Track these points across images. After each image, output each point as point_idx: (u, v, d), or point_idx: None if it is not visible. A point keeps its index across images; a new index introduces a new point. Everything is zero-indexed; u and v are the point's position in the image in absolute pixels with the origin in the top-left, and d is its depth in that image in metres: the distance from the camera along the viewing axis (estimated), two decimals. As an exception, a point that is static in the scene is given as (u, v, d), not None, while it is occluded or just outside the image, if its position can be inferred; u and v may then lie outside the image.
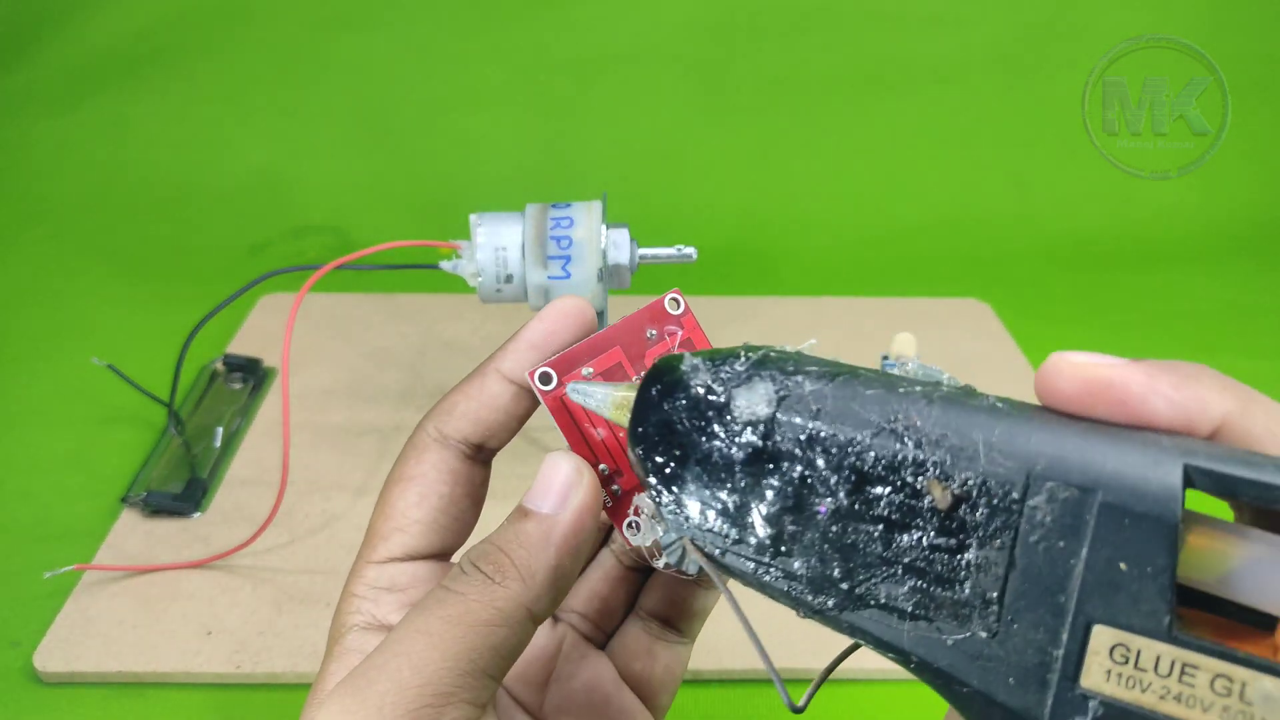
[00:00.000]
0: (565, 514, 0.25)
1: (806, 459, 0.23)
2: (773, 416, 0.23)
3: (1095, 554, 0.20)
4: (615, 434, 0.28)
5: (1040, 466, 0.21)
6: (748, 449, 0.23)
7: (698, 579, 0.25)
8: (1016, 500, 0.21)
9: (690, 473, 0.24)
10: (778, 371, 0.23)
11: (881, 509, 0.22)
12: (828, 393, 0.23)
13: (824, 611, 0.23)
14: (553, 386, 0.28)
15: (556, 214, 0.52)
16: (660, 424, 0.24)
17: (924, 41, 0.93)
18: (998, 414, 0.22)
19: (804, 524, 0.23)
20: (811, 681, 0.26)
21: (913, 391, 0.22)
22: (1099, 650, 0.20)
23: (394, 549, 0.29)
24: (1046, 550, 0.20)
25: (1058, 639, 0.20)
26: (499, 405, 0.29)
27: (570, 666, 0.32)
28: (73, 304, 0.77)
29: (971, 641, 0.21)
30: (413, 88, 0.93)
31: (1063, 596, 0.20)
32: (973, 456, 0.21)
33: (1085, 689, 0.20)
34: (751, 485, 0.23)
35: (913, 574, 0.22)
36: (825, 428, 0.22)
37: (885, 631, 0.22)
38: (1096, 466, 0.20)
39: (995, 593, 0.21)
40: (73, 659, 0.48)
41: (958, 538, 0.21)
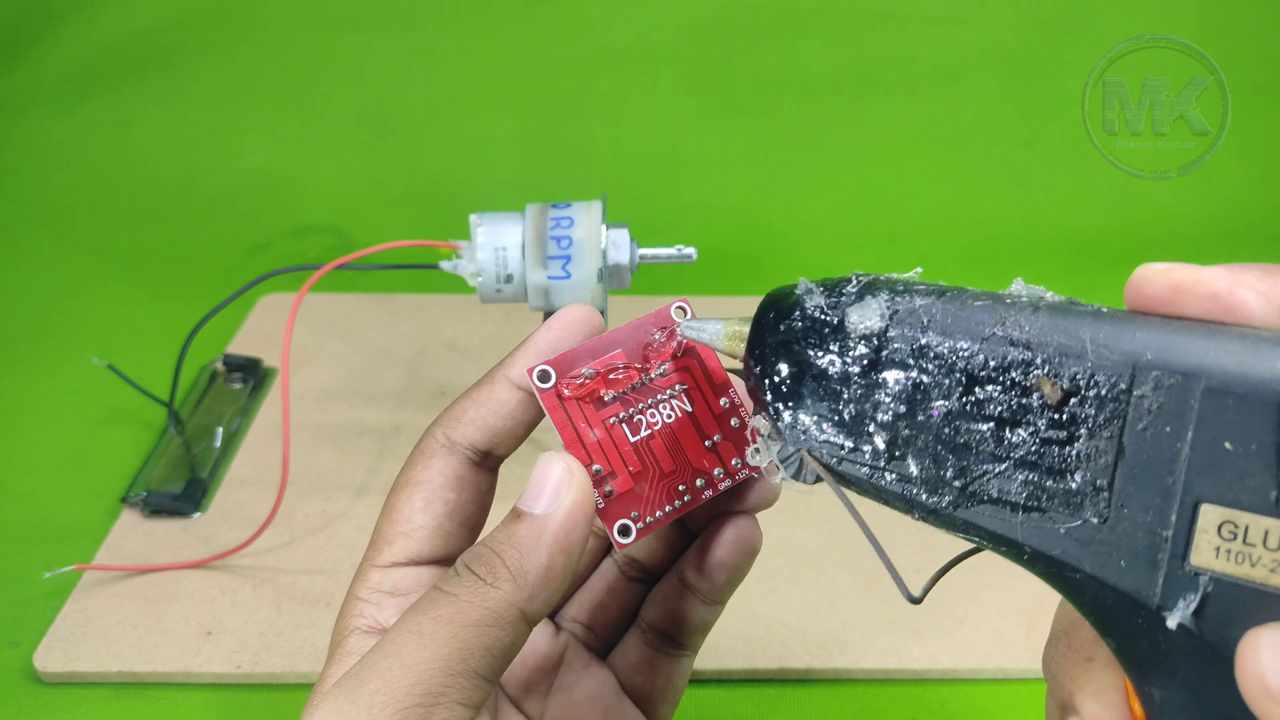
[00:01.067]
0: (556, 514, 0.26)
1: (919, 367, 0.24)
2: (885, 330, 0.24)
3: (1200, 436, 0.21)
4: (610, 434, 0.28)
5: (1146, 357, 0.21)
6: (861, 361, 0.24)
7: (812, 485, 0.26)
8: (1124, 390, 0.22)
9: (807, 388, 0.25)
10: (888, 291, 0.25)
11: (992, 408, 0.23)
12: (937, 306, 0.24)
13: (939, 510, 0.23)
14: (551, 385, 0.28)
15: (556, 214, 0.52)
16: (777, 344, 0.25)
17: (924, 41, 0.93)
18: (1102, 316, 0.22)
19: (917, 428, 0.24)
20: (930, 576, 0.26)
21: (1019, 301, 0.23)
22: (1207, 528, 0.20)
23: (398, 554, 0.29)
24: (1153, 436, 0.21)
25: (1166, 520, 0.21)
26: (507, 412, 0.29)
27: (572, 676, 0.33)
28: (73, 304, 0.77)
29: (1083, 528, 0.22)
30: (413, 88, 0.93)
31: (1170, 479, 0.21)
32: (1080, 353, 0.22)
33: (1195, 566, 0.21)
34: (866, 396, 0.24)
35: (1024, 468, 0.23)
36: (936, 337, 0.23)
37: (999, 525, 0.23)
38: (1199, 353, 0.21)
39: (1105, 480, 0.22)
40: (73, 659, 0.48)
41: (1067, 430, 0.22)
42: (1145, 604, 0.21)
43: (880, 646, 0.50)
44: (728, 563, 0.31)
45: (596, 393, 0.28)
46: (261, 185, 0.89)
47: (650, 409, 0.29)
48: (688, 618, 0.32)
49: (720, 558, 0.31)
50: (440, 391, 0.67)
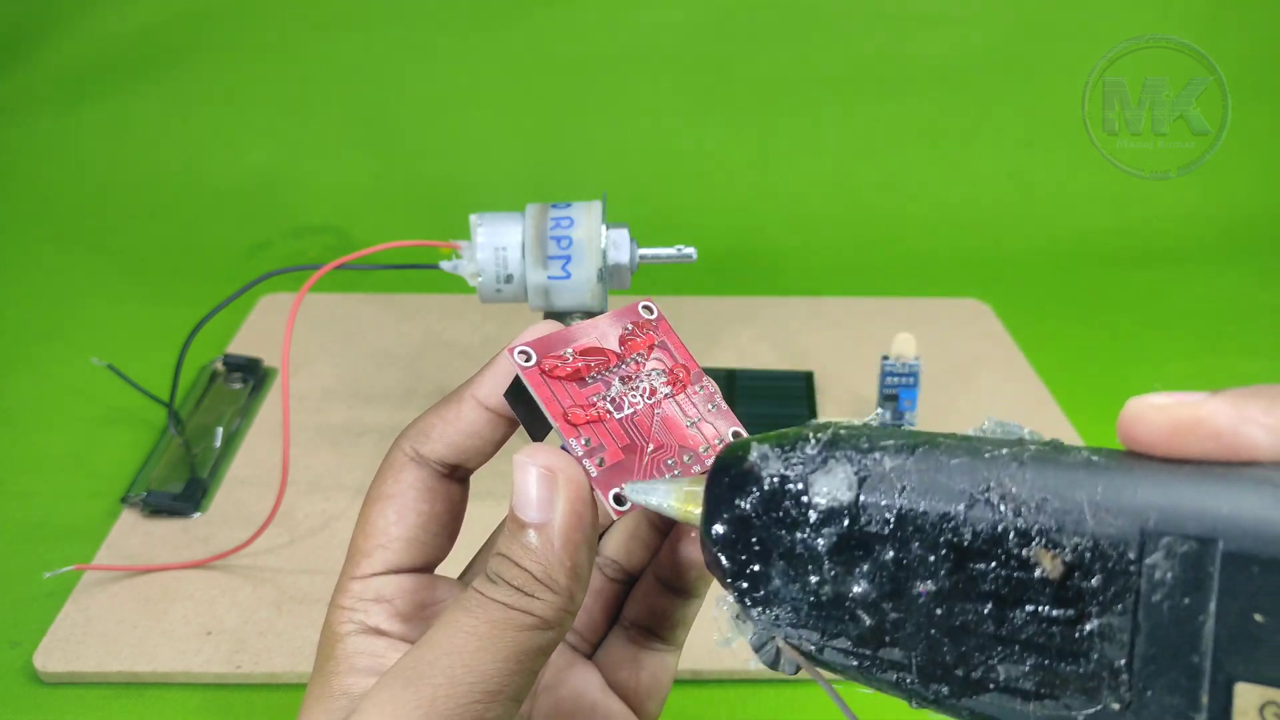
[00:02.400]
0: (557, 517, 0.26)
1: (898, 540, 0.21)
2: (856, 499, 0.22)
3: (1225, 607, 0.19)
4: (595, 409, 0.28)
5: (1153, 521, 0.19)
6: (834, 537, 0.22)
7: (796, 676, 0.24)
8: (1133, 560, 0.19)
9: (775, 569, 0.22)
10: (853, 450, 0.22)
11: (988, 585, 0.21)
12: (910, 467, 0.21)
13: (940, 700, 0.21)
14: (533, 364, 0.28)
15: (556, 214, 0.52)
16: (735, 520, 0.23)
17: (924, 41, 0.93)
18: (1095, 469, 0.20)
19: (905, 610, 0.21)
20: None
21: (999, 455, 0.21)
22: (1246, 710, 0.18)
23: (376, 565, 0.30)
24: (1172, 609, 0.19)
25: (1197, 702, 0.19)
26: (474, 431, 0.29)
27: (558, 675, 0.33)
28: (73, 304, 0.77)
29: (1104, 715, 0.20)
30: (413, 88, 0.93)
31: (1196, 656, 0.19)
32: (1079, 519, 0.20)
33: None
34: (843, 575, 0.22)
35: (1031, 651, 0.20)
36: (914, 505, 0.21)
37: (1010, 715, 0.21)
38: (1211, 512, 0.19)
39: (1123, 660, 0.20)
40: (72, 659, 0.48)
41: (1075, 607, 0.20)
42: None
43: None
44: (696, 559, 0.31)
45: (578, 373, 0.28)
46: (261, 185, 0.89)
47: (631, 391, 0.29)
48: (667, 613, 0.33)
49: (687, 555, 0.32)
50: (440, 391, 0.67)
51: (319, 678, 0.29)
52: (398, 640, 0.29)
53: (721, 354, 0.71)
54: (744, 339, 0.73)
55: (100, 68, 0.92)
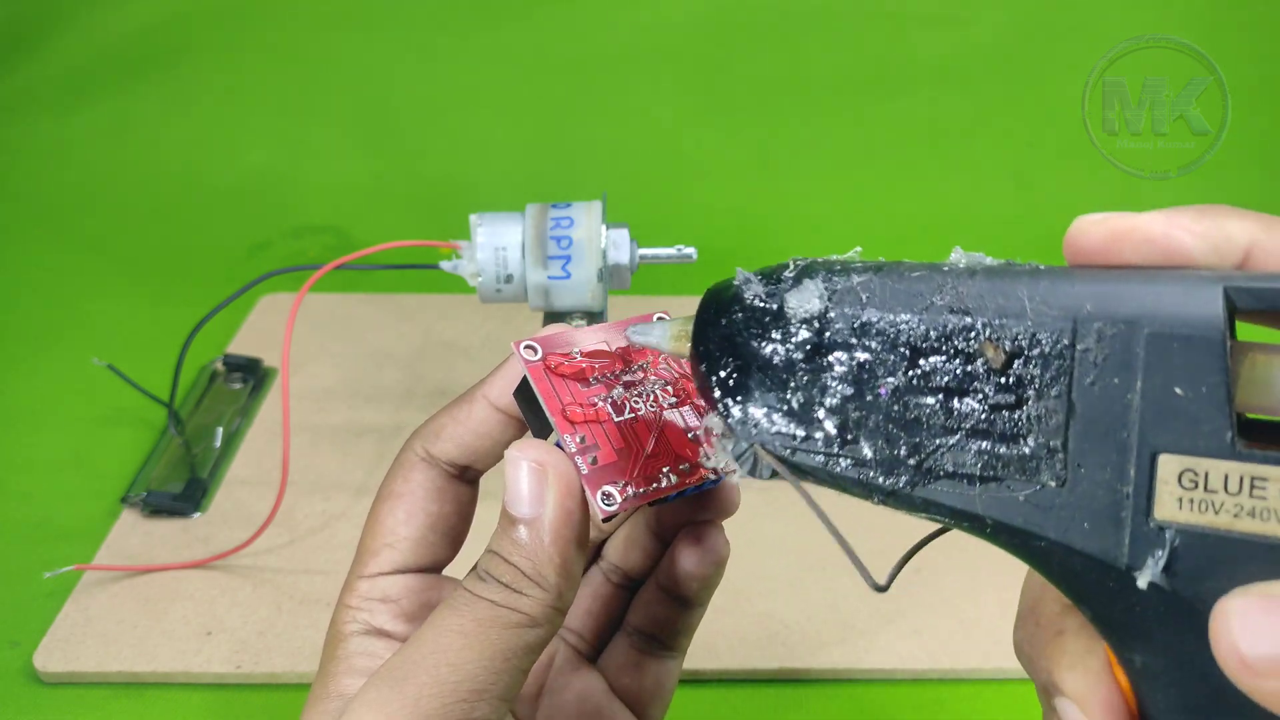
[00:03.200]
0: (547, 512, 0.26)
1: (862, 345, 0.23)
2: (825, 311, 0.24)
3: (1150, 384, 0.20)
4: (594, 410, 0.28)
5: (1086, 309, 0.21)
6: (804, 346, 0.24)
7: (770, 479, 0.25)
8: (1067, 346, 0.21)
9: (753, 380, 0.24)
10: (825, 272, 0.24)
11: (939, 379, 0.22)
12: (875, 282, 0.23)
13: (897, 491, 0.23)
14: (538, 358, 0.28)
15: (556, 214, 0.52)
16: (720, 339, 0.25)
17: (924, 41, 0.93)
18: (1039, 274, 0.22)
19: (867, 409, 0.23)
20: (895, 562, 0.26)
21: (956, 268, 0.23)
22: (1167, 479, 0.20)
23: (384, 564, 0.30)
24: (1102, 390, 0.21)
25: (1125, 475, 0.20)
26: (485, 432, 0.29)
27: (562, 679, 0.33)
28: (73, 304, 0.77)
29: (1042, 493, 0.21)
30: (413, 88, 0.93)
31: (1125, 432, 0.20)
32: (1020, 313, 0.22)
33: (1160, 520, 0.20)
34: (812, 381, 0.24)
35: (977, 437, 0.22)
36: (876, 313, 0.23)
37: (958, 500, 0.22)
38: (1138, 301, 0.21)
39: (1058, 441, 0.21)
40: (72, 659, 0.48)
41: (1015, 393, 0.22)
42: (1114, 565, 0.20)
43: (880, 646, 0.50)
44: (696, 574, 0.32)
45: (582, 372, 0.28)
46: (261, 185, 0.89)
47: (634, 397, 0.29)
48: (670, 621, 0.33)
49: (688, 569, 0.32)
50: (440, 391, 0.67)
51: (320, 678, 0.29)
52: (399, 641, 0.29)
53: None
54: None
55: (100, 68, 0.92)
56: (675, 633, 0.33)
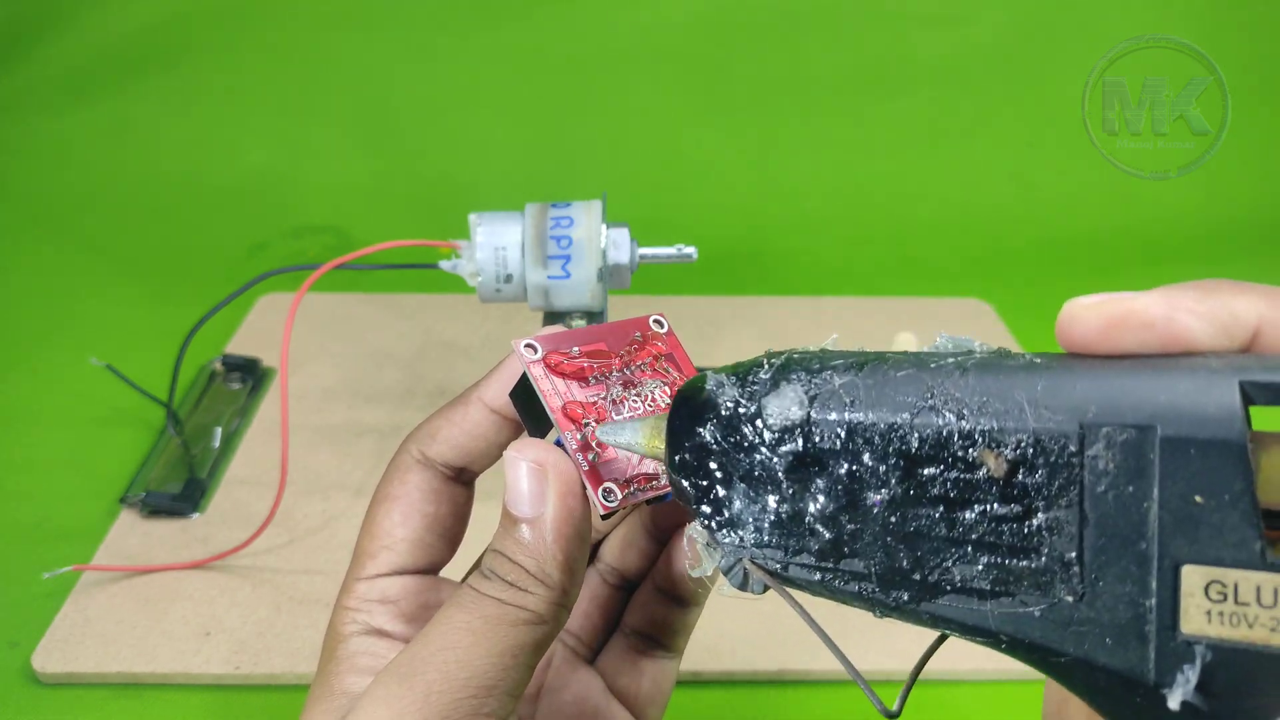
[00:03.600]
0: (549, 511, 0.26)
1: (850, 453, 0.22)
2: (807, 417, 0.22)
3: (1167, 492, 0.19)
4: (594, 408, 0.28)
5: (1091, 413, 0.20)
6: (789, 456, 0.22)
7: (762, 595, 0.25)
8: (1074, 453, 0.20)
9: (735, 491, 0.23)
10: (804, 371, 0.23)
11: (937, 489, 0.21)
12: (858, 383, 0.22)
13: (901, 607, 0.22)
14: (539, 356, 0.28)
15: (556, 213, 0.52)
16: (696, 448, 0.23)
17: (924, 41, 0.92)
18: (1035, 369, 0.21)
19: (861, 520, 0.22)
20: (901, 684, 0.25)
21: (945, 364, 0.22)
22: (1193, 591, 0.19)
23: (381, 566, 0.30)
24: (1116, 498, 0.19)
25: (1147, 588, 0.19)
26: (480, 434, 0.29)
27: (560, 679, 0.33)
28: (72, 304, 0.77)
29: (1059, 608, 0.20)
30: (413, 88, 0.93)
31: (1143, 543, 0.19)
32: (1020, 417, 0.20)
33: (1188, 635, 0.19)
34: (800, 492, 0.22)
35: (984, 550, 0.21)
36: (863, 417, 0.22)
37: (968, 615, 0.21)
38: (1148, 401, 0.19)
39: (1073, 553, 0.20)
40: (71, 660, 0.48)
41: (1022, 503, 0.20)
42: (1141, 682, 0.19)
43: (880, 647, 0.49)
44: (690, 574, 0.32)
45: (581, 371, 0.28)
46: (261, 185, 0.89)
47: (632, 397, 0.29)
48: (667, 621, 0.33)
49: (684, 569, 0.32)
50: (440, 391, 0.67)
51: (321, 678, 0.29)
52: (400, 641, 0.29)
53: (721, 354, 0.71)
54: (744, 339, 0.73)
55: (100, 68, 0.92)
56: (672, 633, 0.33)
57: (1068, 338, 0.21)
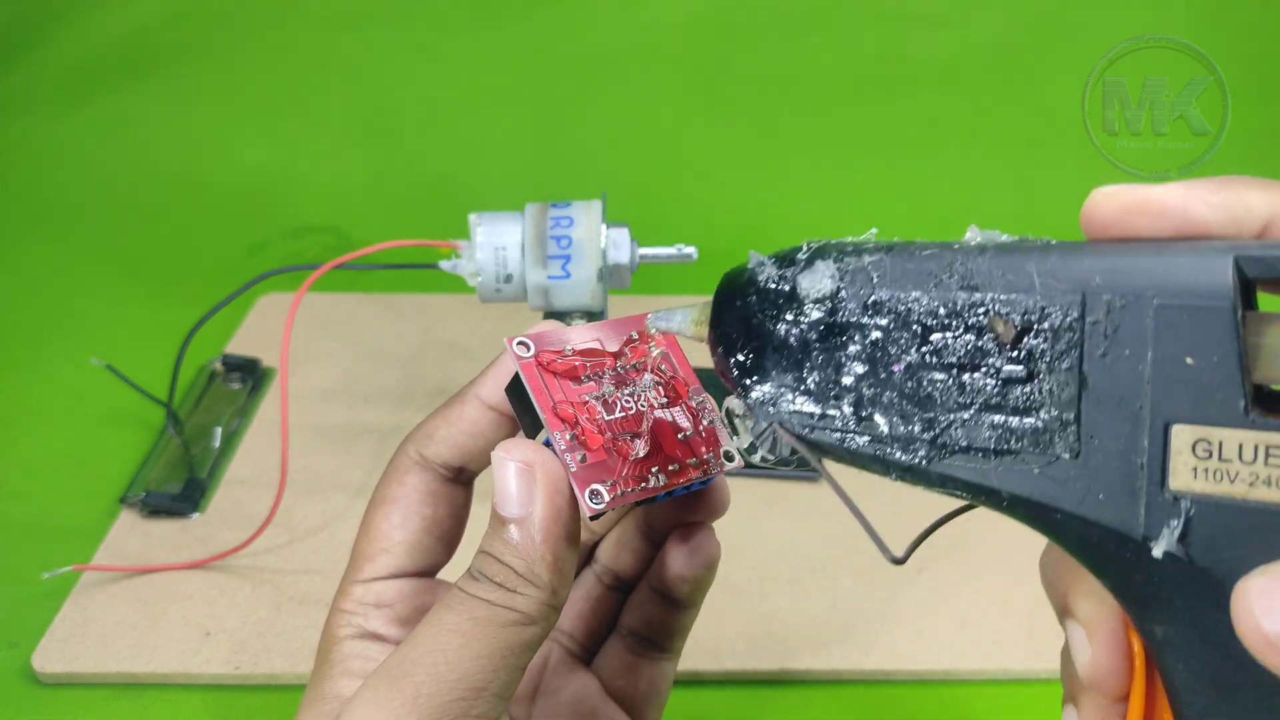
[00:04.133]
0: (537, 511, 0.26)
1: (874, 324, 0.23)
2: (837, 290, 0.24)
3: (1160, 355, 0.20)
4: (585, 408, 0.28)
5: (1095, 282, 0.21)
6: (818, 326, 0.24)
7: (790, 462, 0.26)
8: (1076, 319, 0.21)
9: (770, 360, 0.25)
10: (837, 253, 0.24)
11: (951, 355, 0.23)
12: (886, 261, 0.23)
13: (913, 467, 0.23)
14: (530, 355, 0.28)
15: (556, 213, 0.52)
16: (736, 321, 0.25)
17: (924, 41, 0.92)
18: (1050, 249, 0.22)
19: (881, 386, 0.23)
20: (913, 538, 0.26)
21: (967, 246, 0.23)
22: (1181, 449, 0.20)
23: (379, 569, 0.30)
24: (1113, 361, 0.21)
25: (1139, 446, 0.20)
26: (478, 431, 0.29)
27: (557, 681, 0.33)
28: (72, 304, 0.77)
29: (1057, 466, 0.21)
30: (413, 88, 0.93)
31: (1138, 403, 0.20)
32: (1029, 288, 0.22)
33: (1175, 490, 0.20)
34: (828, 360, 0.24)
35: (990, 411, 0.22)
36: (887, 292, 0.23)
37: (973, 474, 0.22)
38: (1147, 271, 0.20)
39: (1071, 414, 0.21)
40: (71, 660, 0.48)
41: (1027, 367, 0.22)
42: (1131, 536, 0.21)
43: (881, 647, 0.49)
44: (687, 575, 0.32)
45: (574, 370, 0.28)
46: (261, 185, 0.89)
47: (625, 396, 0.29)
48: (663, 623, 0.33)
49: (679, 571, 0.32)
50: (440, 391, 0.67)
51: (314, 681, 0.29)
52: (394, 645, 0.29)
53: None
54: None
55: (99, 68, 0.92)
56: (669, 634, 0.33)
57: (1089, 221, 0.22)
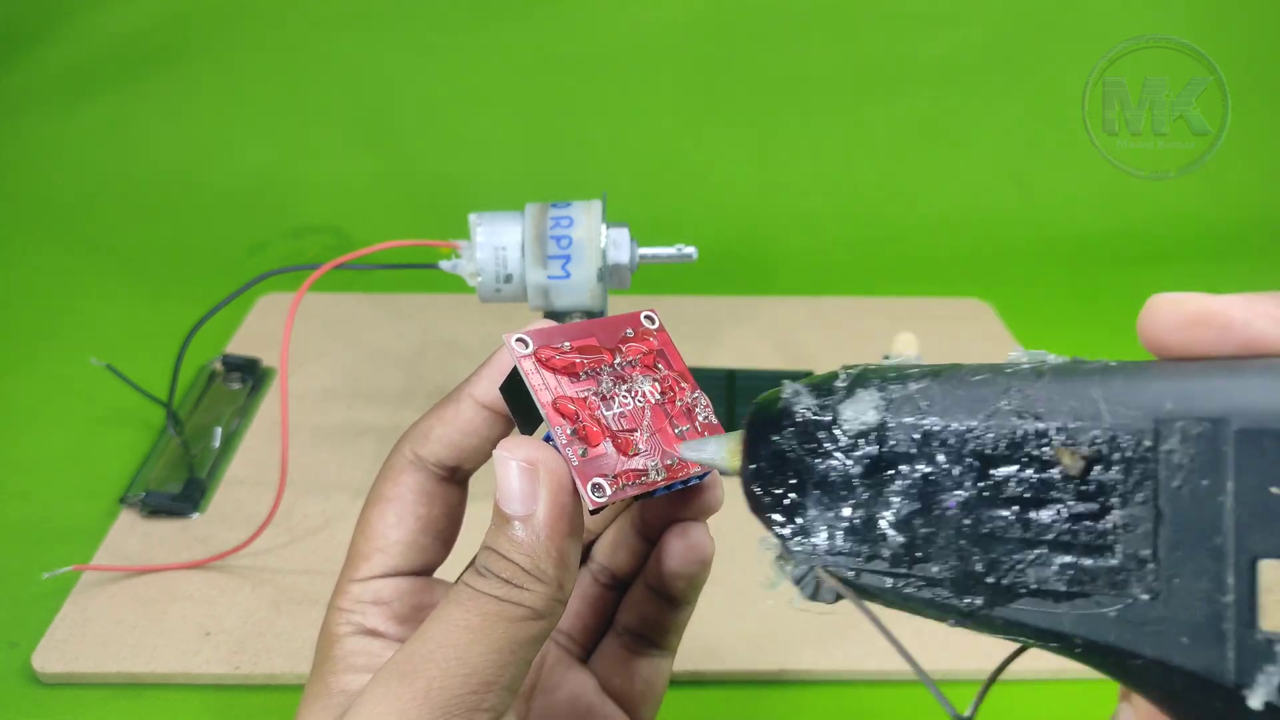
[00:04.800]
0: (540, 508, 0.26)
1: (925, 456, 0.22)
2: (883, 422, 0.22)
3: (1243, 485, 0.19)
4: (585, 403, 0.28)
5: (1168, 407, 0.20)
6: (864, 460, 0.22)
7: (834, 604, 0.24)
8: (1149, 448, 0.20)
9: (810, 498, 0.23)
10: (879, 379, 0.23)
11: (1012, 490, 0.21)
12: (934, 388, 0.22)
13: (974, 613, 0.22)
14: (529, 351, 0.28)
15: (556, 213, 0.52)
16: (772, 456, 0.23)
17: (924, 41, 0.93)
18: (1111, 371, 0.21)
19: (935, 524, 0.22)
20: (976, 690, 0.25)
21: (1020, 369, 0.22)
22: (1272, 587, 0.19)
23: (375, 568, 0.30)
24: (1192, 493, 0.19)
25: (1224, 585, 0.19)
26: (472, 430, 0.29)
27: (554, 678, 0.33)
28: (72, 304, 0.77)
29: (1134, 608, 0.20)
30: (413, 88, 0.93)
31: (1219, 538, 0.19)
32: (1095, 415, 0.20)
33: (1268, 632, 0.18)
34: (874, 497, 0.22)
35: (1058, 550, 0.21)
36: (938, 421, 0.22)
37: (1042, 619, 0.21)
38: (1224, 394, 0.19)
39: (1148, 550, 0.20)
40: (71, 660, 0.48)
41: (1098, 501, 0.20)
42: (1220, 683, 0.19)
43: (882, 648, 0.49)
44: (682, 572, 0.32)
45: (572, 366, 0.28)
46: (261, 185, 0.89)
47: (623, 393, 0.29)
48: (659, 620, 0.33)
49: (673, 568, 0.32)
50: (439, 391, 0.67)
51: (316, 677, 0.29)
52: (394, 641, 0.29)
53: (721, 354, 0.71)
54: (744, 339, 0.73)
55: (100, 68, 0.92)
56: (665, 631, 0.33)
57: (1146, 329, 0.21)
